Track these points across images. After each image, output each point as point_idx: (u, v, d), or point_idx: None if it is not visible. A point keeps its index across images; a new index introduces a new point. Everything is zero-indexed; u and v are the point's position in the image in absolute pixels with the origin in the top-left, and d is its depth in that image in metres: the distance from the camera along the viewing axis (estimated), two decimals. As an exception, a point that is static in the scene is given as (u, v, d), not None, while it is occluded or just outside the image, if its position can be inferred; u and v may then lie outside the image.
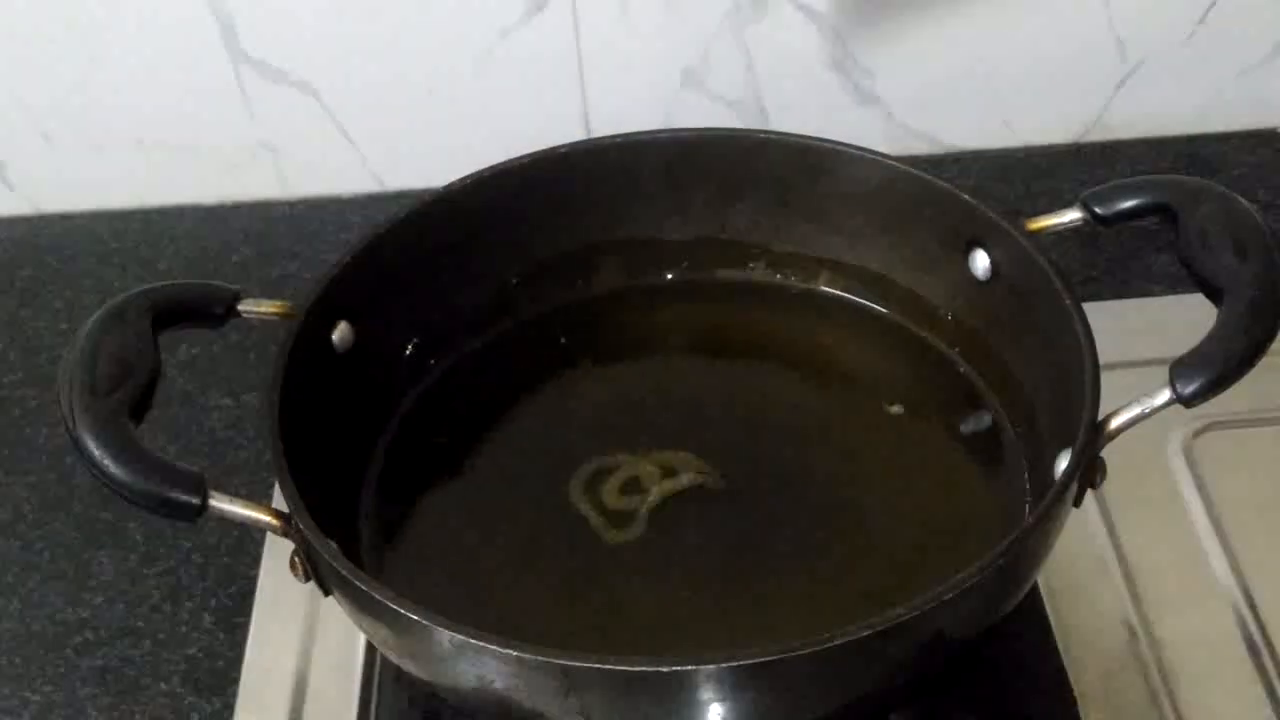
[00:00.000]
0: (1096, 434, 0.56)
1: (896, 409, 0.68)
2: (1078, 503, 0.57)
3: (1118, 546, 0.68)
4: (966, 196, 0.66)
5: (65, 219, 0.93)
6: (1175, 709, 0.62)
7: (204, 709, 0.66)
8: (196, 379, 0.81)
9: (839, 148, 0.68)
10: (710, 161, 0.72)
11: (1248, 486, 0.70)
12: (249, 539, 0.72)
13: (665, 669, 0.49)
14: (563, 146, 0.71)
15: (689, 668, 0.49)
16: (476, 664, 0.51)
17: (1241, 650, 0.64)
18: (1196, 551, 0.68)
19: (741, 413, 0.69)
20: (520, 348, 0.72)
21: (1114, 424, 0.56)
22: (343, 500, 0.65)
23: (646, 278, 0.74)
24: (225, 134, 0.90)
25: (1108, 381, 0.57)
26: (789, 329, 0.73)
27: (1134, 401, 0.56)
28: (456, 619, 0.51)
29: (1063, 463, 0.56)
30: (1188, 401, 0.55)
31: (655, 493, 0.64)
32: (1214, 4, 0.87)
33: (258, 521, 0.55)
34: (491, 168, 0.70)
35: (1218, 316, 0.56)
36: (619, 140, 0.72)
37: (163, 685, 0.67)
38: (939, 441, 0.67)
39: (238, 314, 0.62)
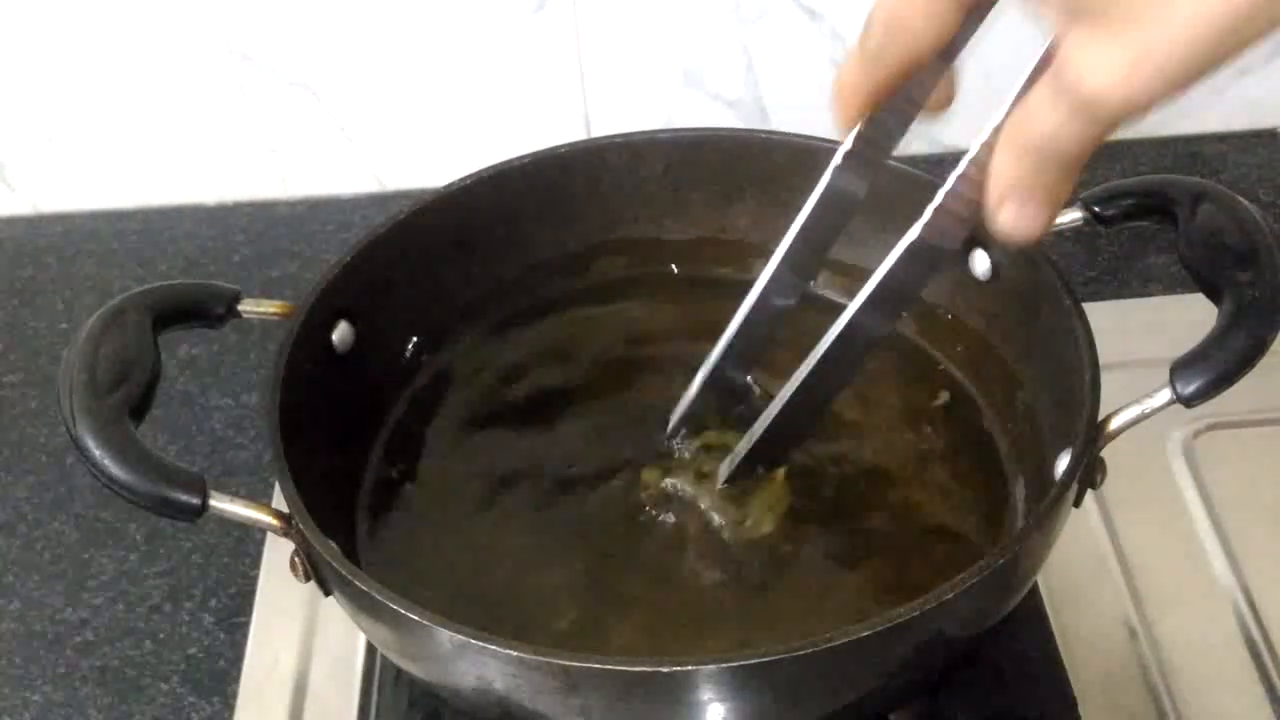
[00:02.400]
0: (1096, 434, 0.56)
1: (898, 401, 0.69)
2: (1078, 503, 0.57)
3: (1118, 546, 0.68)
4: (966, 196, 0.66)
5: (65, 219, 0.93)
6: (1175, 709, 0.62)
7: (204, 709, 0.66)
8: (196, 379, 0.81)
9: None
10: (710, 161, 0.72)
11: (1248, 486, 0.70)
12: (249, 539, 0.72)
13: (665, 669, 0.49)
14: (563, 146, 0.71)
15: (689, 668, 0.49)
16: (477, 664, 0.51)
17: (1241, 650, 0.64)
18: (1196, 551, 0.68)
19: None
20: (520, 347, 0.72)
21: (1114, 424, 0.56)
22: (343, 500, 0.65)
23: (647, 278, 0.74)
24: (225, 134, 0.91)
25: (1108, 381, 0.57)
26: (788, 329, 0.73)
27: (1134, 402, 0.56)
28: (456, 619, 0.51)
29: (1063, 463, 0.56)
30: (1188, 401, 0.55)
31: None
32: (1214, 4, 0.87)
33: (258, 521, 0.55)
34: (491, 168, 0.70)
35: (1218, 316, 0.56)
36: (619, 140, 0.72)
37: (163, 685, 0.67)
38: (938, 441, 0.67)
39: (238, 314, 0.62)
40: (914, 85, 0.51)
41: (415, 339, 0.70)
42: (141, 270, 0.89)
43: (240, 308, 0.62)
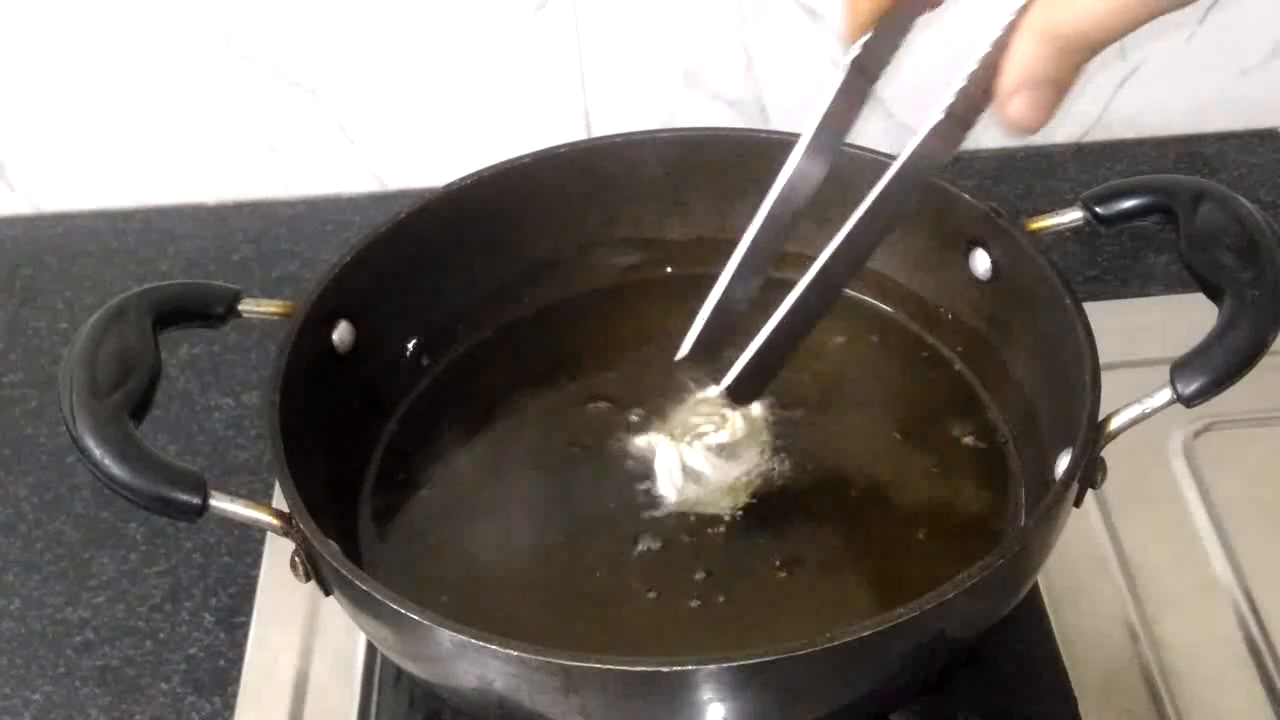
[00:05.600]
0: (1097, 434, 0.56)
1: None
2: (1078, 503, 0.57)
3: (1118, 546, 0.68)
4: (967, 196, 0.66)
5: (65, 219, 0.93)
6: (1175, 709, 0.62)
7: (204, 709, 0.66)
8: (196, 379, 0.81)
9: (840, 148, 0.68)
10: (710, 161, 0.72)
11: (1248, 486, 0.70)
12: (249, 539, 0.72)
13: (665, 669, 0.49)
14: (563, 146, 0.71)
15: (689, 668, 0.49)
16: (477, 664, 0.51)
17: (1241, 650, 0.64)
18: (1196, 551, 0.68)
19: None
20: (520, 347, 0.72)
21: (1114, 424, 0.56)
22: (343, 500, 0.65)
23: (647, 277, 0.74)
24: (225, 134, 0.91)
25: (1108, 381, 0.57)
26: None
27: (1134, 402, 0.56)
28: (457, 619, 0.51)
29: (1063, 463, 0.56)
30: (1188, 401, 0.55)
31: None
32: (1214, 4, 0.87)
33: (258, 521, 0.56)
34: (491, 168, 0.70)
35: (1218, 316, 0.56)
36: (619, 140, 0.72)
37: (163, 685, 0.67)
38: (939, 441, 0.67)
39: (238, 314, 0.62)
40: None
41: (415, 339, 0.70)
42: (141, 270, 0.89)
43: (240, 308, 0.62)
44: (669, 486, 0.64)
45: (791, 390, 0.69)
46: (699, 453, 0.64)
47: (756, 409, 0.66)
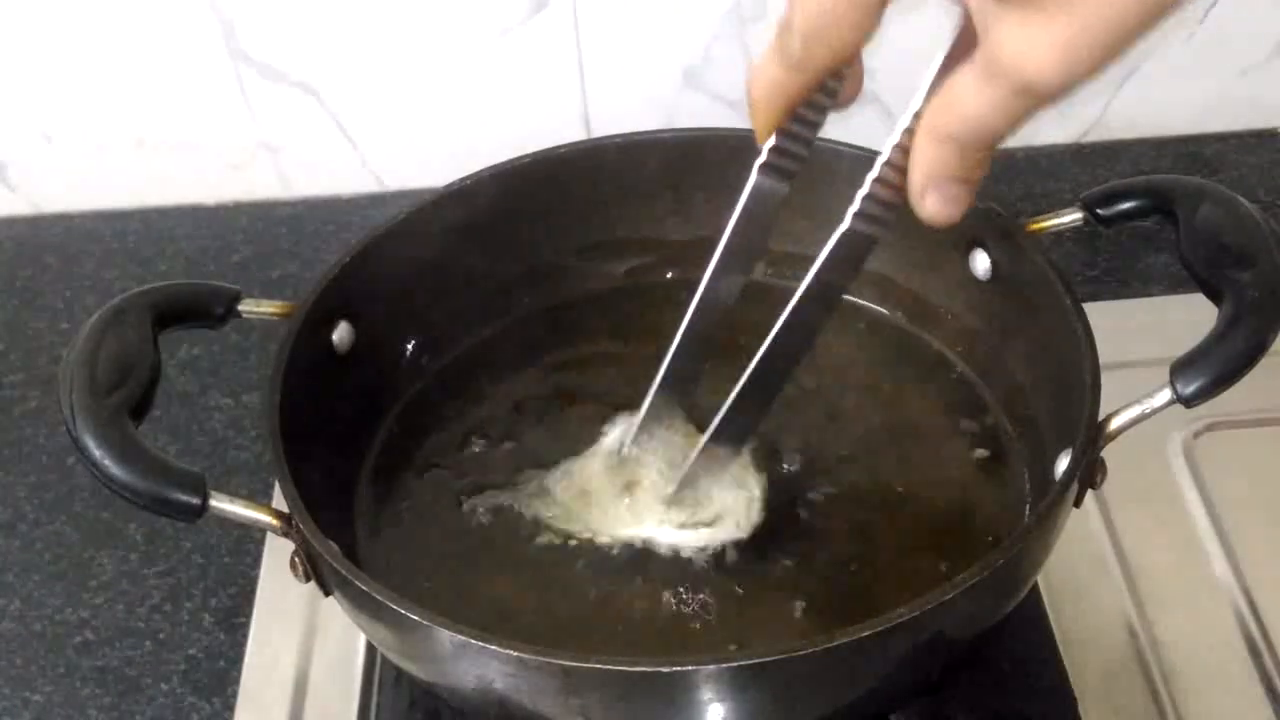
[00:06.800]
0: (1097, 434, 0.56)
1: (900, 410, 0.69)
2: (1078, 503, 0.57)
3: (1118, 546, 0.68)
4: (966, 196, 0.66)
5: (65, 219, 0.93)
6: (1175, 709, 0.62)
7: (204, 709, 0.66)
8: (196, 379, 0.81)
9: (839, 148, 0.68)
10: (710, 161, 0.72)
11: (1248, 486, 0.70)
12: (249, 539, 0.72)
13: (665, 669, 0.49)
14: (563, 146, 0.71)
15: (689, 668, 0.49)
16: (477, 664, 0.51)
17: (1241, 650, 0.64)
18: (1196, 551, 0.68)
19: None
20: (520, 348, 0.72)
21: (1114, 424, 0.56)
22: (343, 500, 0.65)
23: (647, 278, 0.74)
24: (225, 134, 0.91)
25: (1108, 381, 0.57)
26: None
27: (1134, 402, 0.56)
28: (456, 619, 0.51)
29: (1063, 463, 0.56)
30: (1188, 402, 0.55)
31: None
32: (1214, 4, 0.87)
33: (258, 521, 0.56)
34: (491, 168, 0.70)
35: (1218, 316, 0.56)
36: (619, 140, 0.72)
37: (163, 685, 0.67)
38: (938, 441, 0.67)
39: (238, 314, 0.62)
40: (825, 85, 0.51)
41: (415, 339, 0.70)
42: (141, 270, 0.89)
43: (240, 308, 0.62)
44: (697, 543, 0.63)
45: (791, 391, 0.69)
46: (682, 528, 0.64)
47: None
